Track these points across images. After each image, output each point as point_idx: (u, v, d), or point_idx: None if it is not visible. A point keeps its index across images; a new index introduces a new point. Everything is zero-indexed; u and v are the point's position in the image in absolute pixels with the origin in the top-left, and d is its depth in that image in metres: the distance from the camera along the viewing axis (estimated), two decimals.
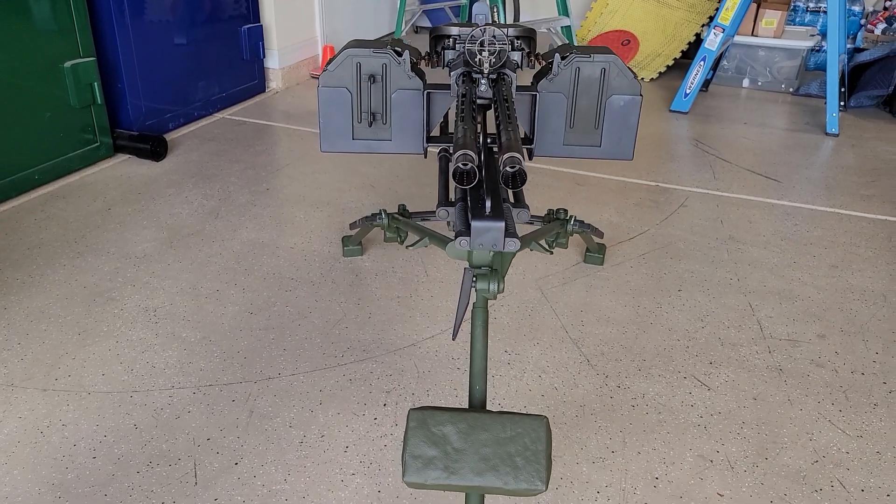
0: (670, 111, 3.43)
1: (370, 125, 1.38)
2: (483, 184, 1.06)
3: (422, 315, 1.89)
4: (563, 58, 1.35)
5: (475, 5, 1.74)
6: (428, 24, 5.08)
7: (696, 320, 1.89)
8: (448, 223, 1.20)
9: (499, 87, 1.13)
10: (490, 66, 1.13)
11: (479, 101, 1.22)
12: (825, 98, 3.19)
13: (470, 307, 1.17)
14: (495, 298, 1.15)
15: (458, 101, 1.14)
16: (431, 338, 1.81)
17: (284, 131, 3.16)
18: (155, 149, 2.79)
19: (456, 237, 1.07)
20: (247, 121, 3.27)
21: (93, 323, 1.83)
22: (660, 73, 3.95)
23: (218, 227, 2.32)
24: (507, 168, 0.86)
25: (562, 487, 1.39)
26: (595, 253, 2.08)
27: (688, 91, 3.36)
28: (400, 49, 1.35)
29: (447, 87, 1.34)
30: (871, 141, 3.12)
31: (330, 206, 2.47)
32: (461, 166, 0.89)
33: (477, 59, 1.15)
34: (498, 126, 1.03)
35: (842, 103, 3.39)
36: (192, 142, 3.03)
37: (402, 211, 1.76)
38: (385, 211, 1.77)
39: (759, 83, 3.82)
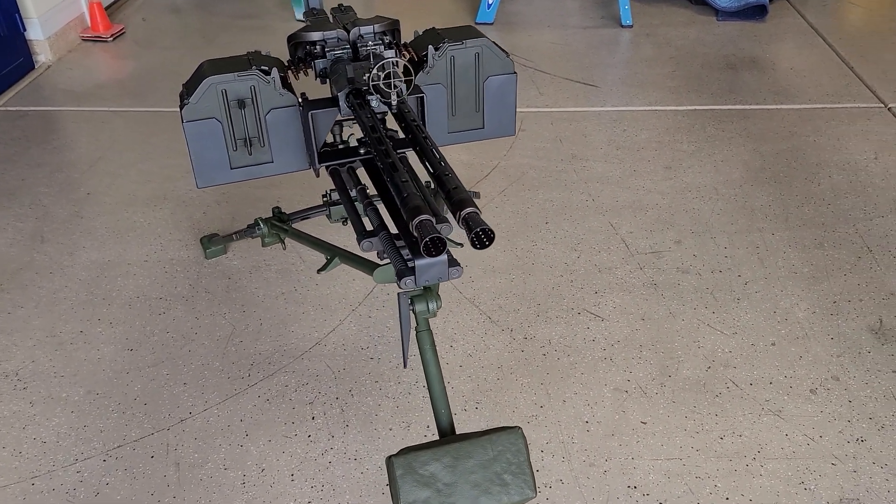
0: (476, 24, 3.45)
1: (249, 152, 1.28)
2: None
3: (315, 308, 1.85)
4: (436, 49, 1.31)
5: None
6: None
7: (570, 251, 2.01)
8: (378, 254, 1.16)
9: (404, 114, 1.08)
10: (398, 96, 1.07)
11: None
12: None
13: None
14: (435, 316, 1.15)
15: (368, 133, 1.08)
16: (333, 331, 1.78)
17: (78, 116, 2.81)
18: None
19: (399, 277, 1.05)
20: (27, 111, 2.86)
21: None
22: None
23: (49, 252, 2.06)
24: (478, 230, 0.84)
25: None
26: None
27: (490, 1, 3.38)
28: (267, 67, 1.24)
29: (328, 101, 1.26)
30: (662, 28, 3.35)
31: (169, 200, 2.27)
32: (429, 242, 0.86)
33: (387, 93, 1.09)
34: (425, 163, 1.00)
35: None
36: None
37: (279, 215, 1.67)
38: (261, 219, 1.67)
39: None
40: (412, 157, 1.16)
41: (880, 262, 1.93)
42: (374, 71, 1.05)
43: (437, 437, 1.43)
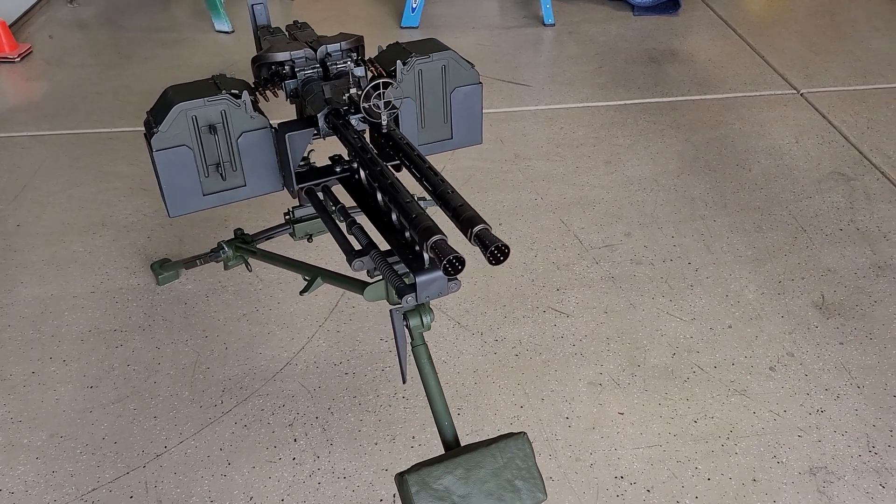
0: (402, 28, 3.45)
1: (224, 177, 1.25)
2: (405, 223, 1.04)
3: (279, 327, 1.82)
4: (404, 63, 1.31)
5: None
6: None
7: (526, 251, 2.05)
8: (368, 272, 1.16)
9: (393, 133, 1.08)
10: (389, 118, 1.07)
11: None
12: None
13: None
14: (429, 329, 1.16)
15: (358, 153, 1.07)
16: (303, 349, 1.76)
17: None
18: None
19: (400, 295, 1.05)
20: None
21: None
22: None
23: None
24: (494, 248, 0.86)
25: None
26: None
27: (414, 5, 3.39)
28: (237, 91, 1.21)
29: (303, 122, 1.24)
30: (583, 25, 3.44)
31: (107, 227, 2.18)
32: (453, 258, 0.87)
33: (376, 113, 1.08)
34: (423, 182, 1.01)
35: None
36: None
37: (243, 236, 1.63)
38: (224, 242, 1.62)
39: None
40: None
41: (815, 241, 2.06)
42: (365, 92, 1.04)
43: (432, 448, 1.44)
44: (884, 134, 2.54)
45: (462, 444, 1.15)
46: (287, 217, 1.55)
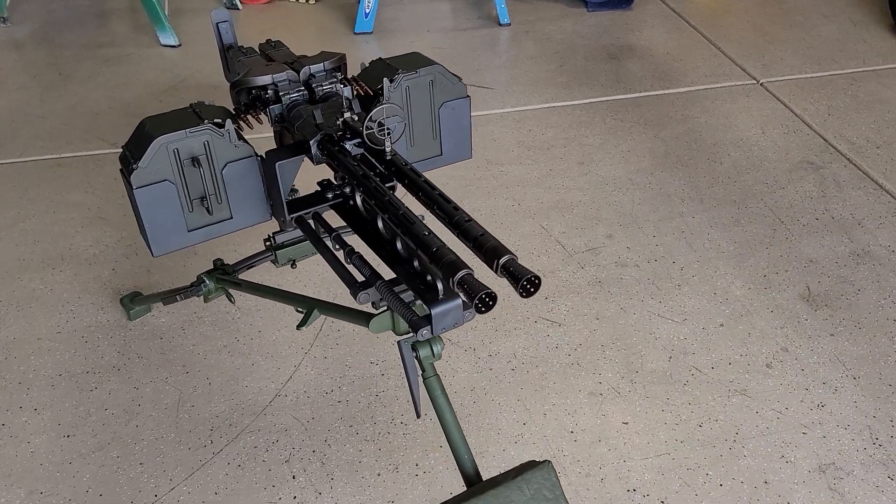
0: (356, 34, 3.37)
1: (210, 211, 1.17)
2: (414, 254, 0.99)
3: (263, 357, 1.74)
4: (391, 81, 1.25)
5: (214, 13, 1.52)
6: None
7: None
8: (374, 304, 1.10)
9: (396, 159, 1.02)
10: (392, 143, 1.01)
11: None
12: None
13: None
14: (440, 358, 1.11)
15: (360, 181, 1.01)
16: (290, 379, 1.69)
17: None
18: None
19: (415, 329, 1.00)
20: None
21: None
22: None
23: None
24: (525, 281, 0.81)
25: None
26: None
27: (367, 10, 3.32)
28: (220, 119, 1.14)
29: (293, 149, 1.17)
30: (539, 23, 3.42)
31: (67, 261, 2.07)
32: (484, 296, 0.82)
33: (380, 140, 1.02)
34: (436, 210, 0.96)
35: None
36: None
37: (223, 267, 1.55)
38: (205, 275, 1.54)
39: None
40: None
41: (793, 232, 2.07)
42: (369, 119, 0.98)
43: (437, 475, 1.39)
44: (845, 121, 2.58)
45: (483, 478, 1.10)
46: (268, 243, 1.48)
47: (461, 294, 0.84)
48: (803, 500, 1.40)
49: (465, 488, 1.09)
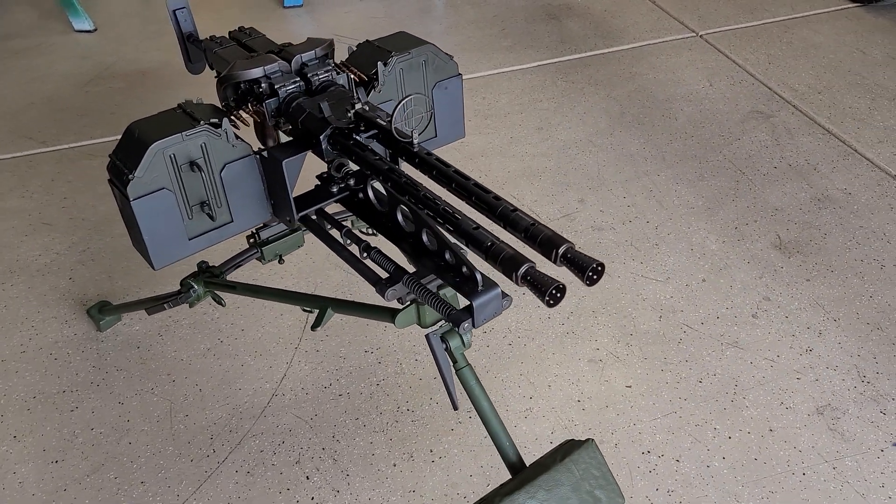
0: (285, 7, 3.24)
1: (212, 217, 1.10)
2: (446, 246, 0.96)
3: (252, 357, 1.68)
4: (385, 64, 1.20)
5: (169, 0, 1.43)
6: None
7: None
8: (399, 300, 1.06)
9: (421, 152, 0.97)
10: (419, 135, 0.96)
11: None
12: None
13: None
14: (470, 347, 1.09)
15: (387, 175, 0.96)
16: (284, 377, 1.63)
17: None
18: None
19: (456, 323, 0.97)
20: None
21: None
22: None
23: None
24: (591, 270, 0.79)
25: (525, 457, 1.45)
26: None
27: None
28: (217, 119, 1.06)
29: (298, 146, 1.10)
30: None
31: (17, 273, 1.93)
32: (554, 290, 0.79)
33: (406, 133, 0.97)
34: (477, 202, 0.92)
35: None
36: None
37: (210, 269, 1.47)
38: (191, 280, 1.45)
39: None
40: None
41: (755, 182, 2.13)
42: (397, 111, 0.93)
43: (453, 459, 1.37)
44: (785, 68, 2.65)
45: (525, 464, 1.09)
46: (251, 240, 1.41)
47: (530, 287, 0.82)
48: (808, 442, 1.45)
49: (510, 476, 1.08)
